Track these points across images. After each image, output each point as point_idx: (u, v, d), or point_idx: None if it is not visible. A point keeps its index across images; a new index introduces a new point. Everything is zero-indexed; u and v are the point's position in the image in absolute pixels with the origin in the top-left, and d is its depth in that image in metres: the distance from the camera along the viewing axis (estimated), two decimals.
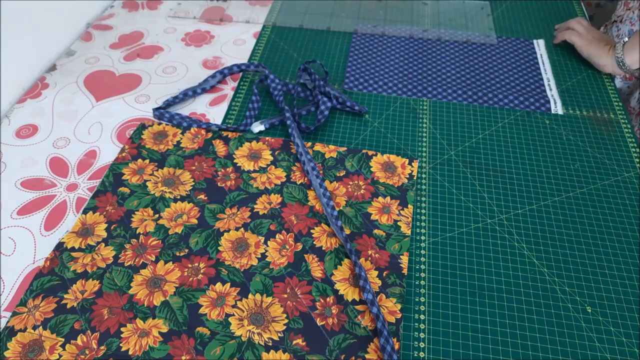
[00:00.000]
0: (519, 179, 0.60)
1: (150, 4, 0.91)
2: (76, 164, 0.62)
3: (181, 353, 0.45)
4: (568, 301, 0.49)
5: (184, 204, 0.57)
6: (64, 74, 0.75)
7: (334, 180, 0.59)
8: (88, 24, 0.86)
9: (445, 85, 0.74)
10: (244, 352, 0.45)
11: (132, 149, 0.63)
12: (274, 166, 0.61)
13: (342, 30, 0.85)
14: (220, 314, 0.47)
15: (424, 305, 0.49)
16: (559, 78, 0.75)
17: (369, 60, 0.79)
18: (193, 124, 0.66)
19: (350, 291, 0.49)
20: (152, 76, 0.75)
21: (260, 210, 0.56)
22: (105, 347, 0.45)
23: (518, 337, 0.46)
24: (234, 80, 0.75)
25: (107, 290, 0.49)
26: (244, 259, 0.52)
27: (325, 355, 0.45)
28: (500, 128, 0.67)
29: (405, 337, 0.46)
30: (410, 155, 0.63)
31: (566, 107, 0.70)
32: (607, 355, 0.45)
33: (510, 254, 0.53)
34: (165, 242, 0.53)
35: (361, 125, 0.67)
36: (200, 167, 0.61)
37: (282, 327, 0.46)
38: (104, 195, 0.57)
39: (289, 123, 0.65)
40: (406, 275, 0.50)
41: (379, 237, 0.53)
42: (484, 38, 0.84)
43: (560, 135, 0.66)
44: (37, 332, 0.46)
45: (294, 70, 0.77)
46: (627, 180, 0.60)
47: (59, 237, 0.54)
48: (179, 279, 0.50)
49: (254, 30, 0.85)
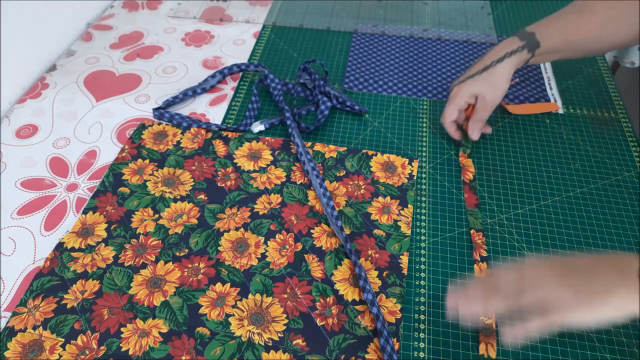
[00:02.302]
0: (519, 178, 0.60)
1: (150, 4, 0.91)
2: (76, 164, 0.62)
3: (181, 353, 0.45)
4: None
5: (184, 204, 0.57)
6: (64, 74, 0.75)
7: (334, 180, 0.59)
8: (88, 24, 0.86)
9: (445, 84, 0.74)
10: (244, 352, 0.45)
11: (132, 149, 0.63)
12: (274, 166, 0.61)
13: (342, 30, 0.85)
14: (220, 314, 0.47)
15: (424, 306, 0.49)
16: (559, 77, 0.75)
17: (369, 59, 0.79)
18: (193, 124, 0.66)
19: (350, 291, 0.49)
20: (152, 76, 0.75)
21: (260, 210, 0.56)
22: (105, 347, 0.45)
23: None
24: (234, 80, 0.75)
25: (107, 291, 0.49)
26: (244, 259, 0.52)
27: (325, 355, 0.45)
28: (500, 127, 0.67)
29: (405, 337, 0.46)
30: (410, 155, 0.63)
31: (566, 107, 0.70)
32: (607, 355, 0.45)
33: (510, 254, 0.53)
34: (165, 242, 0.53)
35: (361, 125, 0.67)
36: (200, 167, 0.61)
37: (282, 327, 0.46)
38: (104, 195, 0.57)
39: (289, 123, 0.65)
40: (406, 275, 0.50)
41: (379, 237, 0.53)
42: (484, 37, 0.84)
43: (561, 135, 0.66)
44: (37, 332, 0.46)
45: (294, 70, 0.76)
46: (628, 179, 0.60)
47: (59, 237, 0.54)
48: (179, 279, 0.50)
49: (254, 30, 0.85)
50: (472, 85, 0.59)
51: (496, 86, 0.58)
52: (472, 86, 0.59)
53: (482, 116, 0.60)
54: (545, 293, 0.39)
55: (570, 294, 0.38)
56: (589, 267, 0.40)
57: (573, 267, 0.40)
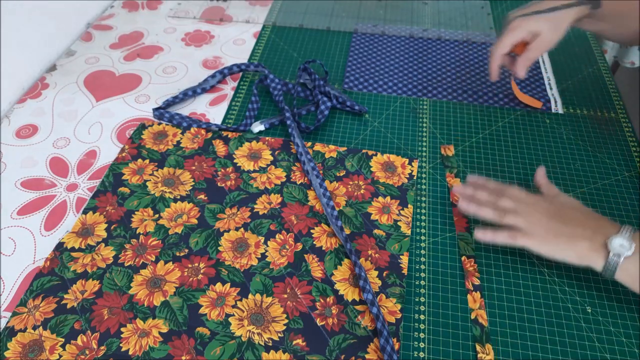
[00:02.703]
0: (519, 178, 0.60)
1: (150, 4, 0.91)
2: (76, 164, 0.62)
3: (181, 353, 0.45)
4: (568, 301, 0.49)
5: (184, 204, 0.57)
6: (64, 74, 0.75)
7: (334, 180, 0.59)
8: (88, 24, 0.86)
9: (445, 84, 0.74)
10: (244, 352, 0.45)
11: (132, 149, 0.63)
12: (274, 166, 0.61)
13: (342, 30, 0.85)
14: (220, 314, 0.47)
15: (424, 306, 0.49)
16: (559, 77, 0.75)
17: (369, 59, 0.79)
18: (193, 124, 0.66)
19: (350, 291, 0.49)
20: (152, 76, 0.75)
21: (260, 210, 0.56)
22: (105, 347, 0.45)
23: (518, 337, 0.46)
24: (234, 80, 0.75)
25: (107, 291, 0.49)
26: (244, 259, 0.52)
27: (325, 355, 0.45)
28: (500, 127, 0.67)
29: (405, 337, 0.46)
30: (410, 155, 0.63)
31: (566, 106, 0.70)
32: (607, 355, 0.45)
33: (510, 254, 0.53)
34: (165, 242, 0.53)
35: (361, 125, 0.67)
36: (200, 167, 0.61)
37: (282, 327, 0.46)
38: (104, 195, 0.57)
39: (289, 123, 0.65)
40: (406, 275, 0.50)
41: (379, 237, 0.53)
42: (484, 37, 0.84)
43: (561, 135, 0.66)
44: (37, 332, 0.46)
45: (294, 70, 0.76)
46: (628, 179, 0.60)
47: (59, 237, 0.54)
48: (179, 279, 0.50)
49: (254, 30, 0.85)
50: (538, 22, 0.58)
51: (557, 29, 0.58)
52: (537, 22, 0.58)
53: (534, 55, 0.59)
54: (526, 223, 0.48)
55: (544, 231, 0.48)
56: (574, 219, 0.48)
57: (561, 215, 0.49)
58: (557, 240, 0.47)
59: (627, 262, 0.44)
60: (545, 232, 0.48)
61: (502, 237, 0.49)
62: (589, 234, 0.46)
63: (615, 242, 0.45)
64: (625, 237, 0.45)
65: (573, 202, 0.52)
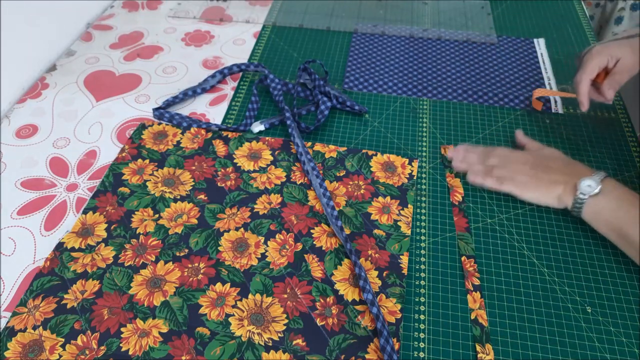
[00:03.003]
0: None
1: (150, 4, 0.91)
2: (76, 164, 0.62)
3: (181, 353, 0.45)
4: (568, 301, 0.49)
5: (184, 204, 0.57)
6: (64, 74, 0.75)
7: (334, 180, 0.59)
8: (88, 24, 0.86)
9: (445, 84, 0.74)
10: (244, 352, 0.45)
11: (132, 149, 0.63)
12: (274, 166, 0.61)
13: (342, 30, 0.85)
14: (220, 314, 0.47)
15: (424, 306, 0.49)
16: (559, 77, 0.75)
17: (369, 59, 0.79)
18: (193, 124, 0.66)
19: (350, 291, 0.49)
20: (152, 76, 0.75)
21: (260, 210, 0.56)
22: (105, 347, 0.45)
23: (518, 337, 0.46)
24: (234, 80, 0.75)
25: (107, 291, 0.49)
26: (244, 259, 0.52)
27: (325, 355, 0.45)
28: (500, 127, 0.67)
29: (405, 337, 0.46)
30: (410, 155, 0.63)
31: (567, 106, 0.70)
32: (607, 355, 0.45)
33: (510, 254, 0.53)
34: (165, 242, 0.53)
35: (361, 125, 0.67)
36: (200, 167, 0.61)
37: (282, 327, 0.46)
38: (104, 195, 0.57)
39: (289, 123, 0.65)
40: (406, 275, 0.50)
41: (379, 237, 0.53)
42: (484, 37, 0.84)
43: (561, 135, 0.66)
44: (37, 332, 0.46)
45: (294, 70, 0.76)
46: (627, 180, 0.60)
47: (59, 237, 0.54)
48: (179, 279, 0.50)
49: (254, 30, 0.85)
50: (619, 48, 0.59)
51: (637, 54, 0.59)
52: (618, 48, 0.59)
53: (620, 78, 0.60)
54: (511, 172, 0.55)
55: (527, 178, 0.54)
56: (555, 167, 0.54)
57: (543, 164, 0.55)
58: (538, 185, 0.54)
59: (592, 201, 0.50)
60: (528, 178, 0.54)
61: (490, 181, 0.56)
62: (566, 178, 0.52)
63: (583, 183, 0.50)
64: (595, 179, 0.50)
65: (554, 152, 0.57)
